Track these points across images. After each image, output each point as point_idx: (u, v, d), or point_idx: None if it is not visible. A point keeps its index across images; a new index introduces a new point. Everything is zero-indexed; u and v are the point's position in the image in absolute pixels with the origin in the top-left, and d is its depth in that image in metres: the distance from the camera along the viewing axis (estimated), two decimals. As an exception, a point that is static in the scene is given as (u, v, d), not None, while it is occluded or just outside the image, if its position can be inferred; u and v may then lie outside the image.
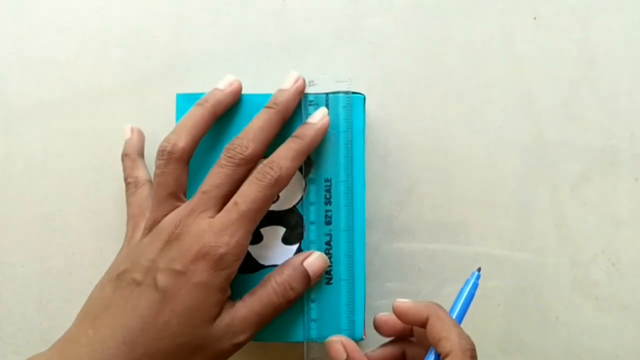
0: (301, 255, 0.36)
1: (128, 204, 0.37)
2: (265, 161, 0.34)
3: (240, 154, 0.34)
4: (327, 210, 0.36)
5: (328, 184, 0.36)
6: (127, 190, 0.37)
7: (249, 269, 0.37)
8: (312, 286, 0.36)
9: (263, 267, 0.37)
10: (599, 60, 0.41)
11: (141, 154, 0.39)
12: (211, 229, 0.33)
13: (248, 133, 0.34)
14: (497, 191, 0.41)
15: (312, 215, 0.36)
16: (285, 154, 0.34)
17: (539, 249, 0.39)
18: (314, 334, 0.36)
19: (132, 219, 0.36)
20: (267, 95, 0.36)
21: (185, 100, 0.37)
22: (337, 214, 0.36)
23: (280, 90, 0.36)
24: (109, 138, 0.42)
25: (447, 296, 0.40)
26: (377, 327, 0.35)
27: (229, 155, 0.34)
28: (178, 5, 0.42)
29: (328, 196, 0.36)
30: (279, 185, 0.34)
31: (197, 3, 0.42)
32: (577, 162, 0.41)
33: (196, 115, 0.35)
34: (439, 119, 0.41)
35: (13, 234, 0.42)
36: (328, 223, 0.36)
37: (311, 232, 0.36)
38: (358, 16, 0.42)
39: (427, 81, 0.41)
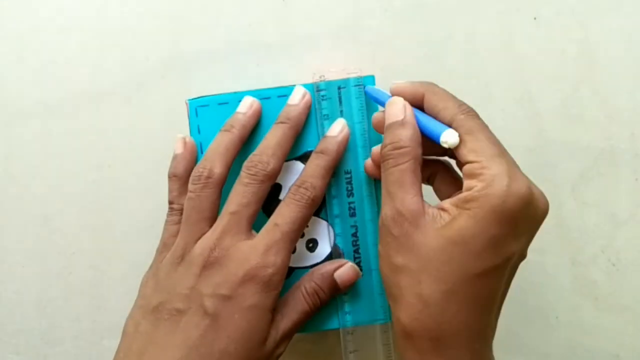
0: (333, 264, 0.35)
1: (166, 229, 0.35)
2: (298, 181, 0.34)
3: (263, 170, 0.33)
4: (350, 202, 0.36)
5: (348, 176, 0.36)
6: (169, 214, 0.36)
7: None
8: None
9: (292, 269, 0.36)
10: (599, 60, 0.41)
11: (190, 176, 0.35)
12: (255, 250, 0.32)
13: (267, 149, 0.34)
14: (497, 191, 0.41)
15: (335, 208, 0.36)
16: (315, 172, 0.34)
17: (539, 249, 0.39)
18: (349, 324, 0.36)
19: (164, 247, 0.35)
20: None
21: (198, 105, 0.36)
22: (360, 205, 0.36)
23: (289, 106, 0.36)
24: (109, 138, 0.42)
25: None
26: (375, 124, 0.34)
27: (251, 172, 0.34)
28: (178, 5, 0.42)
29: (350, 188, 0.36)
30: (315, 204, 0.34)
31: (197, 3, 0.42)
32: (577, 162, 0.41)
33: (226, 141, 0.35)
34: (439, 119, 0.41)
35: (13, 234, 0.42)
36: (352, 215, 0.36)
37: (336, 225, 0.36)
38: (358, 16, 0.42)
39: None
